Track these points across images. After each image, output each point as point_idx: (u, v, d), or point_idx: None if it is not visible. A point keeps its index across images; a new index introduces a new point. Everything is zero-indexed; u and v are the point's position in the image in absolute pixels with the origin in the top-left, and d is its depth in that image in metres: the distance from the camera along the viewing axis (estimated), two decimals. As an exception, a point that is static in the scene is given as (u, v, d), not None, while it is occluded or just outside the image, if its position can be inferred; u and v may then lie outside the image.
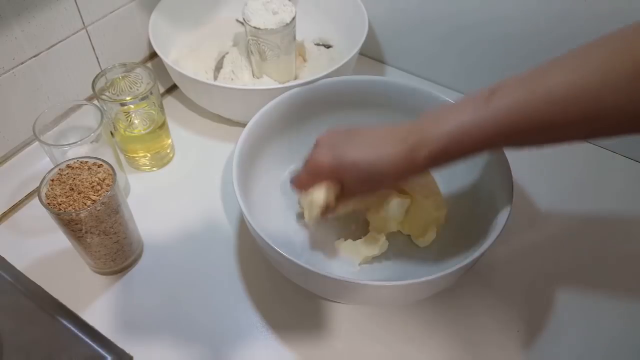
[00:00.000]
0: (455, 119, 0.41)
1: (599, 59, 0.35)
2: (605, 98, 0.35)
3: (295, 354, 0.48)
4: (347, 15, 0.72)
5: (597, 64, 0.35)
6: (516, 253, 0.55)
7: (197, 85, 0.62)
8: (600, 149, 0.66)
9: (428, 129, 0.42)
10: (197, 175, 0.63)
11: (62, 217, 0.44)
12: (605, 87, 0.34)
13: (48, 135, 0.53)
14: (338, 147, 0.46)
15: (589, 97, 0.35)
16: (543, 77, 0.37)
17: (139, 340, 0.48)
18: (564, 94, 0.36)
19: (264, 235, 0.44)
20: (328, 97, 0.59)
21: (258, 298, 0.52)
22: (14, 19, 0.53)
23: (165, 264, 0.54)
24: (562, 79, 0.36)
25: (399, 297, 0.44)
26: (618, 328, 0.50)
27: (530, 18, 0.62)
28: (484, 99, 0.40)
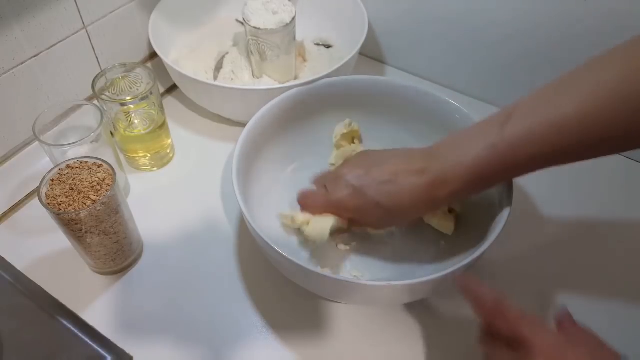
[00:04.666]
0: (474, 150, 0.40)
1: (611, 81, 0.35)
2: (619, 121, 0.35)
3: (295, 354, 0.48)
4: (347, 15, 0.72)
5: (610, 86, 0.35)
6: (516, 253, 0.55)
7: (197, 85, 0.62)
8: (600, 149, 0.66)
9: (446, 163, 0.42)
10: (197, 175, 0.63)
11: (62, 217, 0.44)
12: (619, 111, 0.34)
13: (48, 135, 0.53)
14: (358, 184, 0.45)
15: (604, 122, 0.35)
16: (556, 101, 0.37)
17: (139, 340, 0.48)
18: (578, 122, 0.36)
19: (264, 235, 0.44)
20: (328, 97, 0.59)
21: (258, 298, 0.52)
22: (14, 19, 0.53)
23: (165, 264, 0.54)
24: (576, 105, 0.36)
25: (399, 297, 0.44)
26: (619, 328, 0.50)
27: (530, 18, 0.62)
28: (499, 125, 0.40)
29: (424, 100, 0.57)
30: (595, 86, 0.36)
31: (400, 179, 0.44)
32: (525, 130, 0.38)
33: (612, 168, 0.65)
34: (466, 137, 0.42)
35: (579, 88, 0.37)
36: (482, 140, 0.40)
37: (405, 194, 0.43)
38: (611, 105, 0.35)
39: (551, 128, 0.37)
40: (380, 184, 0.45)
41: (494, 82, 0.70)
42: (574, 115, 0.36)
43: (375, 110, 0.60)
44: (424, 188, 0.43)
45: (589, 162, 0.64)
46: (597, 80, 0.36)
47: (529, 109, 0.39)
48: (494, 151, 0.39)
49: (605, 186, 0.62)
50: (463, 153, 0.41)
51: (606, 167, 0.64)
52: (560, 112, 0.37)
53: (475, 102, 0.72)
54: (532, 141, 0.38)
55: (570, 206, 0.60)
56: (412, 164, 0.44)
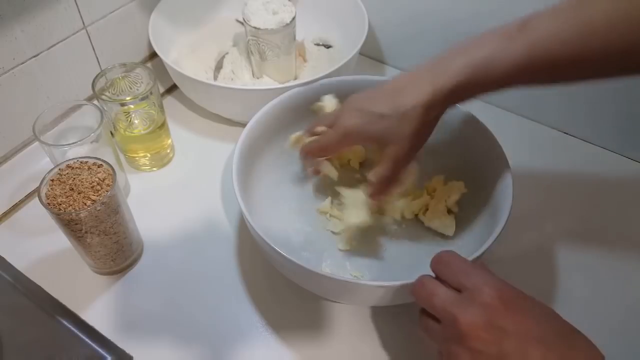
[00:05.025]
0: (485, 48, 0.39)
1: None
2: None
3: (295, 354, 0.48)
4: (347, 15, 0.72)
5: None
6: (516, 253, 0.55)
7: (197, 85, 0.62)
8: (601, 150, 0.66)
9: (454, 58, 0.41)
10: (197, 175, 0.63)
11: (62, 217, 0.44)
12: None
13: (48, 135, 0.53)
14: (362, 105, 0.45)
15: (632, 27, 0.34)
16: (580, 8, 0.36)
17: (139, 340, 0.48)
18: (605, 22, 0.35)
19: (263, 235, 0.44)
20: (328, 97, 0.59)
21: (258, 298, 0.52)
22: (14, 19, 0.53)
23: (165, 264, 0.54)
24: (603, 7, 0.35)
25: (399, 297, 0.43)
26: (619, 328, 0.50)
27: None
28: (516, 29, 0.38)
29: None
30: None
31: (406, 87, 0.43)
32: (545, 29, 0.37)
33: (612, 168, 0.65)
34: (477, 38, 0.40)
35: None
36: (495, 38, 0.39)
37: (408, 97, 0.42)
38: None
39: (575, 26, 0.36)
40: (384, 96, 0.44)
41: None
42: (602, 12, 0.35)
43: (375, 110, 0.60)
44: (427, 79, 0.41)
45: (588, 162, 0.64)
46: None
47: (550, 14, 0.38)
48: (508, 46, 0.38)
49: (605, 186, 0.62)
50: (473, 49, 0.40)
51: (606, 166, 0.65)
52: (587, 13, 0.36)
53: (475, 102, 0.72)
54: (552, 38, 0.37)
55: (570, 206, 0.60)
56: (419, 70, 0.43)
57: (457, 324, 0.34)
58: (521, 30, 0.38)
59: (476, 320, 0.33)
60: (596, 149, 0.66)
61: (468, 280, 0.35)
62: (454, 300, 0.35)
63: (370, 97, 0.46)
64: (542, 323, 0.33)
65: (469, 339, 0.33)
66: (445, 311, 0.35)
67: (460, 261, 0.38)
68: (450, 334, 0.35)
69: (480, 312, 0.33)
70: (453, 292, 0.36)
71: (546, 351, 0.32)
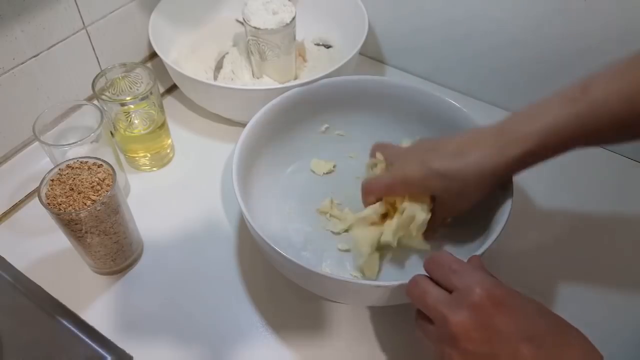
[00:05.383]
0: (550, 113, 0.39)
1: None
2: None
3: (295, 354, 0.48)
4: (347, 15, 0.72)
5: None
6: (516, 253, 0.55)
7: (197, 85, 0.62)
8: (601, 150, 0.66)
9: (522, 125, 0.40)
10: (197, 175, 0.63)
11: (62, 217, 0.44)
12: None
13: (48, 135, 0.53)
14: (426, 158, 0.45)
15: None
16: (638, 66, 0.37)
17: (139, 340, 0.48)
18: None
19: (264, 235, 0.44)
20: (328, 97, 0.59)
21: (258, 298, 0.52)
22: (14, 19, 0.53)
23: (165, 264, 0.54)
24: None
25: (399, 298, 0.44)
26: (619, 328, 0.50)
27: (531, 19, 0.62)
28: (579, 91, 0.38)
29: (424, 100, 0.57)
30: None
31: (468, 147, 0.43)
32: (608, 90, 0.37)
33: (612, 167, 0.65)
34: (541, 104, 0.40)
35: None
36: (560, 103, 0.39)
37: (472, 159, 0.42)
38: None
39: (636, 86, 0.36)
40: (445, 154, 0.44)
41: (494, 82, 0.70)
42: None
43: (375, 110, 0.60)
44: (492, 151, 0.41)
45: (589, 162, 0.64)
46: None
47: (610, 74, 0.38)
48: (576, 111, 0.38)
49: (605, 186, 0.62)
50: (541, 115, 0.39)
51: (606, 166, 0.65)
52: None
53: (475, 103, 0.72)
54: (617, 99, 0.37)
55: (571, 206, 0.60)
56: (484, 133, 0.43)
57: (447, 324, 0.34)
58: (584, 92, 0.38)
59: (466, 321, 0.33)
60: (596, 149, 0.66)
61: (459, 281, 0.36)
62: (444, 301, 0.35)
63: (435, 149, 0.45)
64: (534, 321, 0.33)
65: (460, 340, 0.33)
66: (436, 311, 0.35)
67: (452, 261, 0.38)
68: (443, 334, 0.35)
69: (470, 312, 0.33)
70: (445, 293, 0.36)
71: (538, 349, 0.32)
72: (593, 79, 0.39)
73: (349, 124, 0.62)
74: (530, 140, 0.40)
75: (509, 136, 0.41)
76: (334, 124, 0.62)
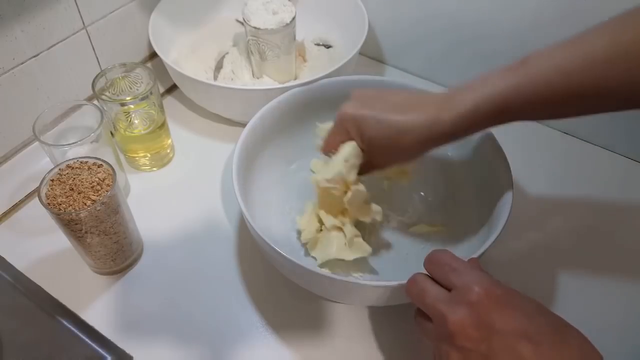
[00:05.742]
0: (489, 83, 0.40)
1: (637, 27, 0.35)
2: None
3: (295, 354, 0.48)
4: (347, 15, 0.72)
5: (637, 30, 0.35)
6: (516, 253, 0.55)
7: (197, 85, 0.62)
8: (601, 150, 0.66)
9: (460, 93, 0.42)
10: (197, 175, 0.63)
11: (62, 217, 0.44)
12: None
13: (48, 135, 0.53)
14: (367, 103, 0.45)
15: (632, 63, 0.35)
16: (580, 43, 0.37)
17: (139, 340, 0.48)
18: (605, 57, 0.35)
19: (263, 235, 0.44)
20: (328, 97, 0.59)
21: (258, 298, 0.52)
22: (14, 19, 0.53)
23: (165, 264, 0.54)
24: (602, 43, 0.36)
25: (398, 297, 0.44)
26: (619, 328, 0.50)
27: (531, 18, 0.62)
28: (518, 64, 0.39)
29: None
30: (621, 29, 0.36)
31: (409, 105, 0.44)
32: (548, 64, 0.38)
33: (612, 167, 0.65)
34: (483, 76, 0.41)
35: (603, 32, 0.37)
36: (499, 75, 0.40)
37: (408, 117, 0.43)
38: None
39: (578, 59, 0.36)
40: (386, 105, 0.44)
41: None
42: (604, 48, 0.36)
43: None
44: (429, 112, 0.42)
45: (588, 162, 0.64)
46: (621, 27, 0.36)
47: (552, 49, 0.39)
48: (511, 81, 0.39)
49: (605, 186, 0.62)
50: (478, 85, 0.41)
51: (606, 166, 0.65)
52: (591, 47, 0.36)
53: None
54: (556, 71, 0.37)
55: (570, 206, 0.60)
56: (425, 98, 0.44)
57: (446, 322, 0.34)
58: (523, 64, 0.39)
59: (464, 319, 0.33)
60: (596, 149, 0.66)
61: (458, 279, 0.36)
62: (443, 299, 0.35)
63: (377, 97, 0.46)
64: (533, 319, 0.33)
65: (458, 338, 0.33)
66: (435, 309, 0.35)
67: (451, 260, 0.38)
68: (441, 333, 0.35)
69: (468, 310, 0.33)
70: (444, 291, 0.36)
71: (536, 347, 0.32)
72: (535, 52, 0.39)
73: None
74: (463, 106, 0.41)
75: (448, 102, 0.42)
76: (334, 124, 0.62)
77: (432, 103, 0.43)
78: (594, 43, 0.36)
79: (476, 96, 0.40)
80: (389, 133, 0.44)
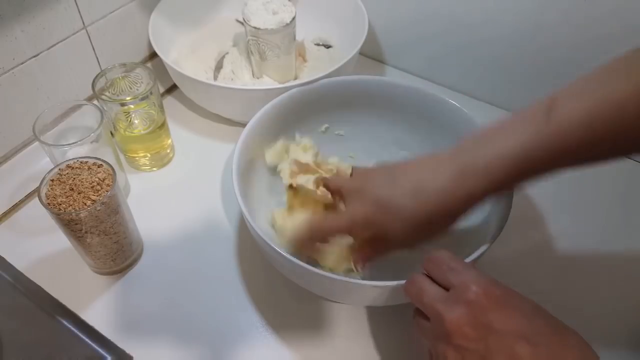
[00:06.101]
0: (512, 138, 0.36)
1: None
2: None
3: (295, 354, 0.48)
4: (347, 15, 0.72)
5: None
6: (516, 253, 0.55)
7: (197, 85, 0.62)
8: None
9: (480, 149, 0.38)
10: (197, 175, 0.63)
11: (62, 217, 0.44)
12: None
13: (48, 135, 0.53)
14: (382, 196, 0.41)
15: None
16: (605, 85, 0.35)
17: (139, 340, 0.48)
18: (633, 100, 0.33)
19: (264, 235, 0.44)
20: (328, 97, 0.59)
21: (258, 298, 0.52)
22: (14, 19, 0.53)
23: (165, 264, 0.54)
24: (625, 87, 0.34)
25: (398, 297, 0.43)
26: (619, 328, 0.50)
27: (531, 18, 0.62)
28: (544, 114, 0.36)
29: (424, 100, 0.57)
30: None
31: (427, 182, 0.39)
32: (577, 112, 0.35)
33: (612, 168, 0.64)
34: (501, 129, 0.38)
35: (621, 72, 0.35)
36: (524, 127, 0.36)
37: (432, 192, 0.39)
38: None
39: (607, 106, 0.34)
40: (405, 190, 0.40)
41: (494, 83, 0.70)
42: (631, 92, 0.33)
43: (375, 110, 0.60)
44: (452, 181, 0.38)
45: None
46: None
47: (576, 94, 0.36)
48: (541, 136, 0.35)
49: (605, 186, 0.62)
50: (500, 142, 0.37)
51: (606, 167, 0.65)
52: (615, 91, 0.34)
53: (475, 103, 0.72)
54: (587, 122, 0.34)
55: (570, 206, 0.60)
56: (440, 164, 0.40)
57: (443, 321, 0.34)
58: (549, 116, 0.36)
59: (461, 318, 0.33)
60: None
61: (455, 278, 0.35)
62: (441, 298, 0.35)
63: (387, 183, 0.41)
64: (530, 320, 0.33)
65: (455, 337, 0.33)
66: (432, 309, 0.35)
67: (449, 259, 0.37)
68: (438, 332, 0.35)
69: (465, 309, 0.33)
70: (442, 290, 0.36)
71: (533, 347, 0.32)
72: (558, 99, 0.36)
73: (349, 124, 0.62)
74: (492, 172, 0.37)
75: (469, 164, 0.38)
76: (334, 124, 0.62)
77: (448, 166, 0.39)
78: (620, 85, 0.34)
79: (499, 154, 0.37)
80: (415, 221, 0.40)
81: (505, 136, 0.37)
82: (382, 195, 0.41)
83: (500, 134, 0.38)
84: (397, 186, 0.41)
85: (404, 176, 0.41)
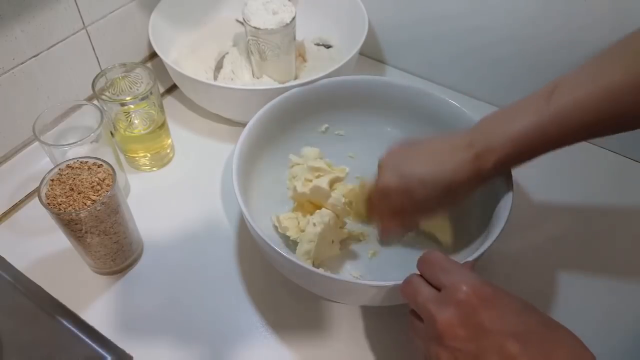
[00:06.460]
0: (520, 121, 0.42)
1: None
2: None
3: (295, 354, 0.48)
4: (347, 15, 0.72)
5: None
6: (516, 253, 0.55)
7: (197, 85, 0.62)
8: (601, 150, 0.66)
9: (492, 135, 0.43)
10: (197, 175, 0.63)
11: (62, 217, 0.44)
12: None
13: (48, 135, 0.53)
14: (401, 166, 0.47)
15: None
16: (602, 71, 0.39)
17: (139, 340, 0.48)
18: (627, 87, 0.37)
19: (264, 235, 0.44)
20: (328, 97, 0.59)
21: (258, 298, 0.52)
22: (14, 19, 0.53)
23: (165, 264, 0.54)
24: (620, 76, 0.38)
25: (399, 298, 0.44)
26: (618, 327, 0.50)
27: (530, 18, 0.62)
28: (544, 98, 0.41)
29: (424, 100, 0.57)
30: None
31: (443, 154, 0.45)
32: (573, 99, 0.39)
33: (611, 167, 0.65)
34: (510, 112, 0.43)
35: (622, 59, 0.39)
36: (528, 113, 0.41)
37: (449, 167, 0.44)
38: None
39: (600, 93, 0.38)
40: (421, 161, 0.46)
41: (494, 82, 0.70)
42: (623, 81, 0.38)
43: (375, 110, 0.60)
44: (469, 160, 0.43)
45: (588, 162, 0.64)
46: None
47: (574, 81, 0.40)
48: (541, 120, 0.41)
49: (605, 186, 0.62)
50: (508, 125, 0.42)
51: (605, 166, 0.65)
52: (609, 79, 0.38)
53: (475, 102, 0.72)
54: (581, 108, 0.39)
55: (570, 206, 0.60)
56: (456, 140, 0.45)
57: (435, 322, 0.34)
58: (550, 99, 0.41)
59: (452, 318, 0.33)
60: (595, 148, 0.66)
61: (447, 279, 0.36)
62: (433, 299, 0.36)
63: (408, 157, 0.47)
64: (522, 318, 0.33)
65: (446, 338, 0.33)
66: (425, 309, 0.36)
67: (441, 260, 0.38)
68: (431, 333, 0.35)
69: (456, 310, 0.34)
70: (434, 291, 0.36)
71: (525, 346, 0.32)
72: (559, 84, 0.41)
73: (349, 124, 0.62)
74: (503, 149, 0.42)
75: (482, 144, 0.43)
76: (334, 124, 0.62)
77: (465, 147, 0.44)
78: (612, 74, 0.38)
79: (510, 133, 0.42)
80: (436, 191, 0.45)
81: (514, 118, 0.42)
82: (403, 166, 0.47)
83: (510, 117, 0.43)
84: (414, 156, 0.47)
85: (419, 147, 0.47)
